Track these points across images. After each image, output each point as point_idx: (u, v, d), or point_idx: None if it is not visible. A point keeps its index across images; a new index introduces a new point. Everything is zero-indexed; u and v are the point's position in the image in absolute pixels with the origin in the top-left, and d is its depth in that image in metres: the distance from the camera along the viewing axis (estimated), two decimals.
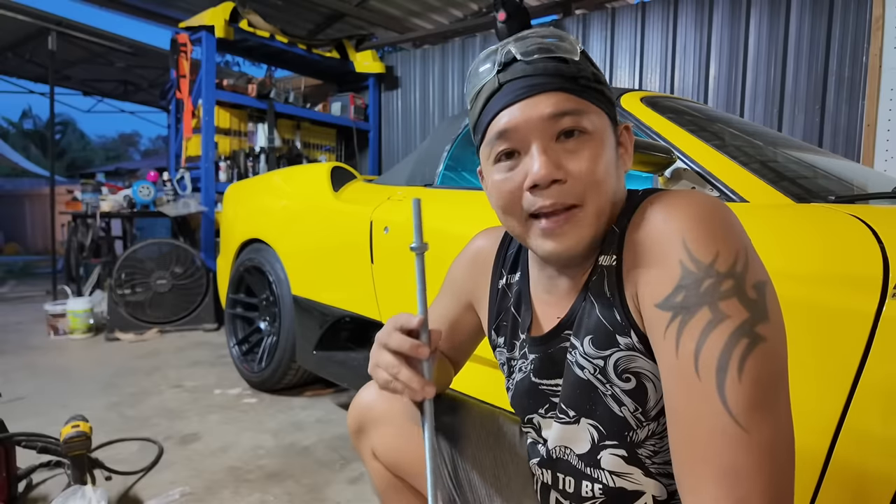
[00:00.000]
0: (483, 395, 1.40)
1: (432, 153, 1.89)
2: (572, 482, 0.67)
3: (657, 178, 1.22)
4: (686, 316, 0.50)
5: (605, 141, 0.60)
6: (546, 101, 0.58)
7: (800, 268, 0.87)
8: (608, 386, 0.61)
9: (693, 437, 0.49)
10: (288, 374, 2.30)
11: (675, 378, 0.51)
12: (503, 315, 0.77)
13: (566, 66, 0.59)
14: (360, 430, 0.88)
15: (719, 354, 0.48)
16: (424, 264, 0.67)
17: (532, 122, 0.58)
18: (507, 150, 0.61)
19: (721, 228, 0.52)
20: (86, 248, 4.29)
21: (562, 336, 0.66)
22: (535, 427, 0.73)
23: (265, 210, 2.46)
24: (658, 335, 0.53)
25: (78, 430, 1.39)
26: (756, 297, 0.50)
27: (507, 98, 0.59)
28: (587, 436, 0.64)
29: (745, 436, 0.46)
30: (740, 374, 0.47)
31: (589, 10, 4.47)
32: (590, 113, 0.59)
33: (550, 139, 0.59)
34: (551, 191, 0.58)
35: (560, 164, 0.58)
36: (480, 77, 0.63)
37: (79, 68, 6.72)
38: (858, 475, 0.77)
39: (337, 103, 4.76)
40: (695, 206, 0.54)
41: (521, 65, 0.60)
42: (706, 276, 0.50)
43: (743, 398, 0.47)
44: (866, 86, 2.80)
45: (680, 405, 0.51)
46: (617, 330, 0.59)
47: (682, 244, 0.52)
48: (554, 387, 0.68)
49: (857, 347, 0.77)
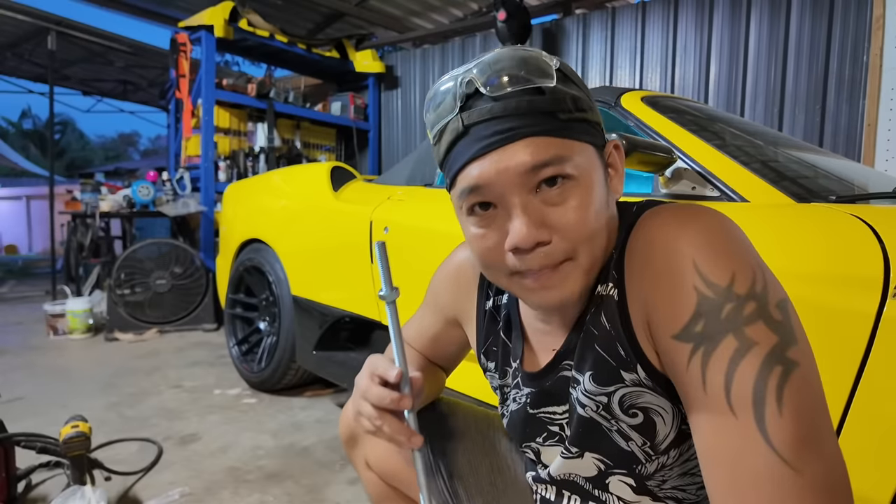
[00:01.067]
0: (482, 394, 1.40)
1: (432, 153, 1.89)
2: (578, 500, 0.65)
3: (658, 178, 1.22)
4: (709, 346, 0.45)
5: (594, 181, 0.53)
6: (523, 152, 0.50)
7: (801, 268, 0.87)
8: (613, 422, 0.56)
9: (736, 480, 0.43)
10: (287, 375, 2.30)
11: (706, 416, 0.46)
12: (492, 339, 0.72)
13: (541, 99, 0.51)
14: (351, 439, 0.85)
15: (753, 386, 0.43)
16: (397, 312, 0.63)
17: (508, 177, 0.50)
18: (480, 202, 0.53)
19: (732, 246, 0.48)
20: (85, 248, 4.29)
21: (560, 367, 0.61)
22: (533, 451, 0.70)
23: (265, 210, 2.46)
24: (679, 369, 0.48)
25: (77, 430, 1.38)
26: (781, 317, 0.46)
27: (475, 147, 0.51)
28: (593, 467, 0.61)
29: (796, 477, 0.41)
30: (780, 407, 0.42)
31: (589, 9, 4.47)
32: (573, 153, 0.51)
33: (530, 192, 0.51)
34: (536, 254, 0.51)
35: (543, 220, 0.51)
36: (441, 111, 0.54)
37: (78, 68, 6.73)
38: (858, 475, 0.77)
39: (337, 103, 4.75)
40: (699, 223, 0.49)
41: (488, 102, 0.51)
42: (726, 300, 0.45)
43: (788, 434, 0.42)
44: (867, 85, 2.79)
45: (715, 445, 0.45)
46: (621, 365, 0.54)
47: (694, 268, 0.47)
48: (551, 414, 0.64)
49: (857, 347, 0.77)
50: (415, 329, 0.84)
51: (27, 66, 6.63)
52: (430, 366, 0.84)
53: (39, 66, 6.49)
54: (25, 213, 11.94)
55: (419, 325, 0.83)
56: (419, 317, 0.84)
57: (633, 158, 1.08)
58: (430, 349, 0.83)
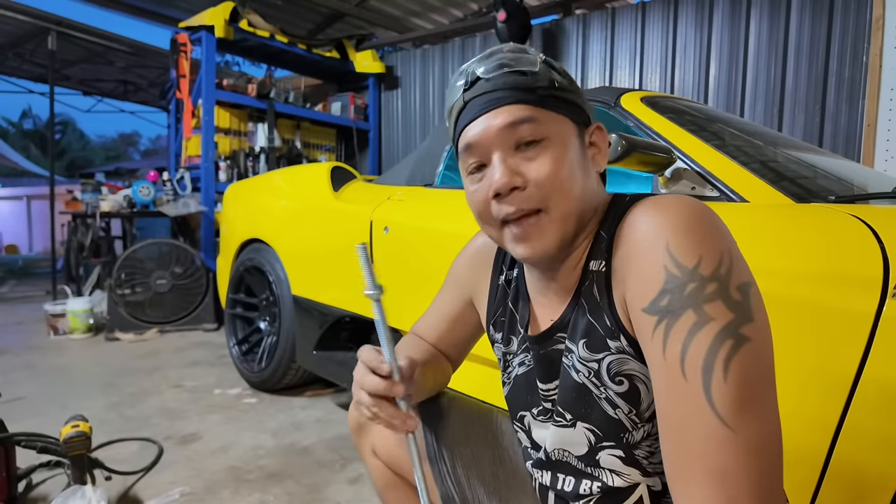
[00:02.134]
0: (482, 394, 1.40)
1: (432, 153, 1.89)
2: (572, 481, 0.68)
3: (657, 178, 1.22)
4: (671, 319, 0.51)
5: (567, 144, 0.62)
6: (504, 114, 0.61)
7: (800, 267, 0.87)
8: (602, 389, 0.62)
9: (682, 438, 0.50)
10: (288, 374, 2.30)
11: (663, 380, 0.52)
12: (501, 311, 0.78)
13: (523, 79, 0.62)
14: (360, 427, 0.90)
15: (704, 355, 0.49)
16: (383, 309, 0.70)
17: (491, 134, 0.61)
18: (475, 162, 0.64)
19: (704, 232, 0.53)
20: (86, 248, 4.29)
21: (555, 338, 0.67)
22: (525, 429, 0.74)
23: (265, 210, 2.46)
24: (646, 339, 0.54)
25: (78, 430, 1.39)
26: (740, 298, 0.51)
27: (470, 114, 0.63)
28: (584, 439, 0.65)
29: (731, 436, 0.47)
30: (726, 375, 0.48)
31: (589, 10, 4.47)
32: (547, 121, 0.61)
33: (510, 149, 0.61)
34: (513, 198, 0.61)
35: (519, 171, 0.61)
36: (452, 95, 0.67)
37: (78, 68, 6.73)
38: (858, 475, 0.77)
39: (337, 103, 4.76)
40: (678, 210, 0.55)
41: (483, 82, 0.63)
42: (690, 279, 0.51)
43: (729, 398, 0.48)
44: (866, 85, 2.80)
45: (668, 407, 0.52)
46: (607, 334, 0.60)
47: (666, 249, 0.53)
48: (547, 391, 0.69)
49: (857, 347, 0.77)
50: (432, 314, 0.90)
51: (28, 66, 6.64)
52: (435, 358, 0.87)
53: (40, 66, 6.50)
54: (26, 213, 11.95)
55: (437, 309, 0.89)
56: (437, 301, 0.90)
57: (632, 159, 1.08)
58: (446, 333, 0.88)
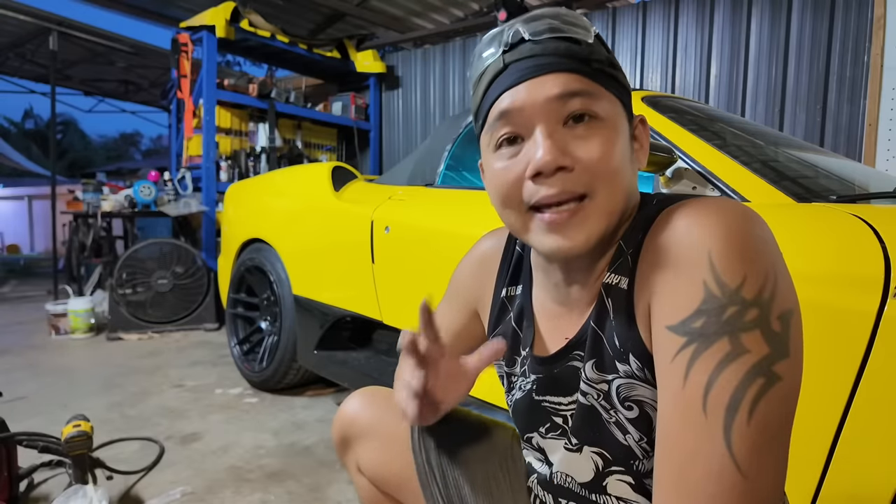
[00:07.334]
0: (482, 394, 1.40)
1: (433, 153, 1.89)
2: None
3: (658, 178, 1.22)
4: (702, 345, 0.46)
5: (619, 129, 0.55)
6: (554, 81, 0.53)
7: (801, 267, 0.87)
8: (612, 412, 0.57)
9: (685, 473, 0.46)
10: (289, 374, 2.30)
11: (676, 407, 0.47)
12: (502, 328, 0.73)
13: (578, 48, 0.54)
14: (343, 443, 0.85)
15: (732, 392, 0.44)
16: None
17: (537, 104, 0.53)
18: (509, 134, 0.55)
19: (753, 246, 0.47)
20: (87, 248, 4.29)
21: (571, 356, 0.61)
22: (534, 447, 0.70)
23: (266, 210, 2.46)
24: (664, 359, 0.49)
25: (79, 429, 1.39)
26: (780, 329, 0.46)
27: (511, 78, 0.54)
28: (590, 465, 0.61)
29: (743, 482, 0.44)
30: (750, 417, 0.44)
31: (590, 9, 4.47)
32: (602, 98, 0.54)
33: (557, 123, 0.53)
34: (556, 179, 0.52)
35: (567, 149, 0.52)
36: (484, 60, 0.58)
37: (80, 68, 6.74)
38: (859, 475, 0.77)
39: (338, 103, 4.76)
40: (724, 217, 0.48)
41: (529, 45, 0.54)
42: (730, 302, 0.45)
43: (749, 442, 0.44)
44: (868, 85, 2.79)
45: (676, 436, 0.47)
46: (616, 356, 0.55)
47: (709, 261, 0.47)
48: (556, 404, 0.64)
49: (858, 347, 0.77)
50: None
51: (29, 66, 6.64)
52: None
53: (41, 66, 6.50)
54: (27, 212, 11.96)
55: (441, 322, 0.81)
56: (440, 313, 0.83)
57: None
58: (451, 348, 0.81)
